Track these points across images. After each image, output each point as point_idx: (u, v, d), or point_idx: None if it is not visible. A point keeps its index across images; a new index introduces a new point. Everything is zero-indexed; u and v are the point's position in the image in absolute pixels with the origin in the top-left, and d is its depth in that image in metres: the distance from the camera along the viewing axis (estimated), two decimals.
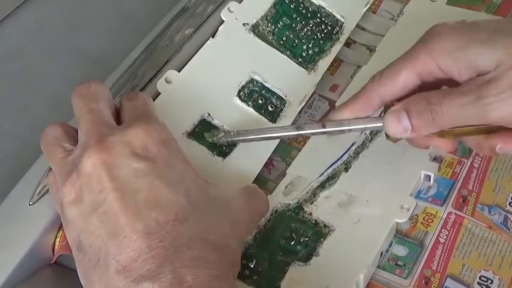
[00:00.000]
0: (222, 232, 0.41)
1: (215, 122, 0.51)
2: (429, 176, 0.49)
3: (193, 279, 0.38)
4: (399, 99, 0.45)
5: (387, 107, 0.45)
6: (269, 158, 0.51)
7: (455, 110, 0.42)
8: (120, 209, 0.39)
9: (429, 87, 0.45)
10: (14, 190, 0.48)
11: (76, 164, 0.41)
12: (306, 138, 0.53)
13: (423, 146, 0.48)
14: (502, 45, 0.41)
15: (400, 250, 0.47)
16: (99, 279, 0.39)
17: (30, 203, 0.47)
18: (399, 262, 0.47)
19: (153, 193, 0.40)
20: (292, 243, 0.47)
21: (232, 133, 0.50)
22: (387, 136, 0.46)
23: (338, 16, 0.58)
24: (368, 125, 0.46)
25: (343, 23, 0.58)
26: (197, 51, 0.54)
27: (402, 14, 0.60)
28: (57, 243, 0.46)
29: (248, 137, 0.49)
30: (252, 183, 0.49)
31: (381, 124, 0.45)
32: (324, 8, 0.58)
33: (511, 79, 0.41)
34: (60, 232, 0.47)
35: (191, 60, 0.53)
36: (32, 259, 0.46)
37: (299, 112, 0.54)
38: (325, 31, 0.57)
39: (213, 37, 0.54)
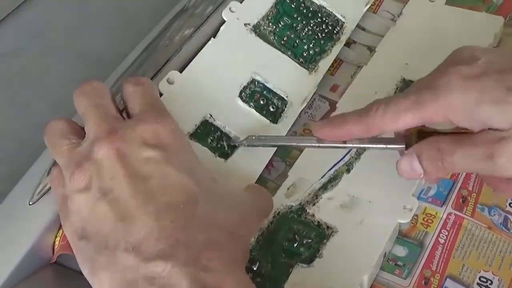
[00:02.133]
0: (232, 221, 0.41)
1: (217, 123, 0.51)
2: None
3: (208, 260, 0.38)
4: None
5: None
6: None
7: (466, 161, 0.42)
8: (131, 194, 0.39)
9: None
10: (14, 190, 0.48)
11: (86, 155, 0.41)
12: None
13: (436, 182, 0.49)
14: None
15: (399, 251, 0.47)
16: (105, 263, 0.39)
17: (30, 203, 0.47)
18: (398, 263, 0.47)
19: (164, 180, 0.40)
20: (295, 245, 0.47)
21: (253, 137, 0.50)
22: None
23: (338, 16, 0.58)
24: (389, 146, 0.47)
25: (343, 23, 0.58)
26: (197, 51, 0.54)
27: (401, 14, 0.60)
28: (57, 243, 0.46)
29: (270, 143, 0.50)
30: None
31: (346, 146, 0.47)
32: (325, 8, 0.58)
33: None
34: (60, 231, 0.46)
35: (193, 61, 0.53)
36: (32, 259, 0.46)
37: (300, 113, 0.54)
38: (326, 31, 0.57)
39: (214, 37, 0.54)
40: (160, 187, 0.40)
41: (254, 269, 0.45)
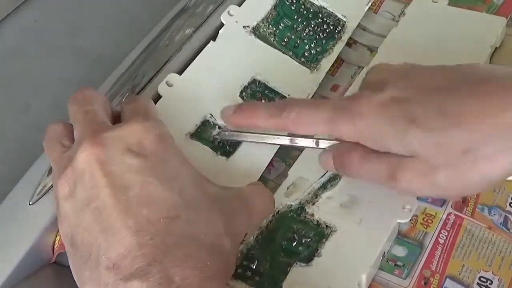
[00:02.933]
0: (215, 232, 0.41)
1: (218, 122, 0.51)
2: None
3: (182, 280, 0.38)
4: None
5: None
6: None
7: (372, 177, 0.46)
8: (111, 205, 0.39)
9: None
10: (14, 190, 0.48)
11: (70, 159, 0.41)
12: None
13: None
14: (416, 139, 0.42)
15: (399, 251, 0.47)
16: (90, 276, 0.39)
17: (30, 203, 0.47)
18: (398, 263, 0.47)
19: (145, 190, 0.40)
20: (294, 244, 0.47)
21: (226, 132, 0.50)
22: None
23: (339, 16, 0.58)
24: (308, 145, 0.49)
25: (345, 22, 0.58)
26: (197, 51, 0.54)
27: (404, 14, 0.60)
28: (57, 242, 0.47)
29: (242, 139, 0.50)
30: None
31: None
32: (325, 9, 0.58)
33: (425, 170, 0.42)
34: None
35: (192, 63, 0.53)
36: (32, 259, 0.46)
37: None
38: (327, 30, 0.57)
39: (213, 40, 0.54)
40: (141, 199, 0.39)
41: (253, 267, 0.45)
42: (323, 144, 0.48)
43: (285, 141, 0.49)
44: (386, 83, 0.45)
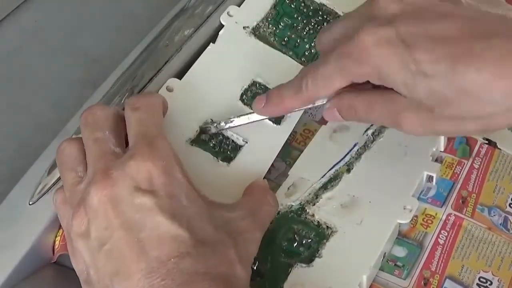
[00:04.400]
0: (226, 262, 0.41)
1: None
2: (431, 177, 0.50)
3: None
4: None
5: None
6: None
7: (377, 122, 0.49)
8: (124, 248, 0.40)
9: None
10: (14, 190, 0.48)
11: (83, 198, 0.41)
12: (306, 138, 0.53)
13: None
14: (422, 87, 0.42)
15: (399, 251, 0.47)
16: None
17: (30, 203, 0.47)
18: (398, 263, 0.47)
19: (155, 230, 0.40)
20: (295, 244, 0.47)
21: (215, 124, 0.50)
22: None
23: (340, 13, 0.58)
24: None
25: None
26: (197, 51, 0.54)
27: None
28: (57, 243, 0.47)
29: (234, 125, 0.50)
30: None
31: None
32: (326, 6, 0.57)
33: (428, 116, 0.43)
34: (60, 231, 0.47)
35: (192, 67, 0.53)
36: (32, 259, 0.46)
37: None
38: None
39: (213, 42, 0.54)
40: (152, 240, 0.40)
41: (254, 268, 0.45)
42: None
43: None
44: (392, 18, 0.43)
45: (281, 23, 0.56)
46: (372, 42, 0.43)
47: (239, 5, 0.56)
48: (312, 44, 0.56)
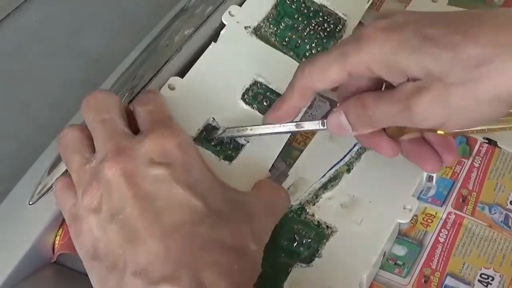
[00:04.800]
0: (241, 236, 0.41)
1: (220, 126, 0.51)
2: (431, 177, 0.50)
3: (210, 284, 0.38)
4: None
5: None
6: None
7: (387, 115, 0.44)
8: (138, 215, 0.40)
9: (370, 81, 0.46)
10: (14, 190, 0.48)
11: (95, 174, 0.41)
12: (306, 138, 0.53)
13: (369, 145, 0.49)
14: (430, 55, 0.41)
15: (399, 250, 0.48)
16: (115, 285, 0.39)
17: (30, 203, 0.47)
18: (398, 262, 0.47)
19: (170, 198, 0.40)
20: (295, 244, 0.47)
21: (231, 129, 0.50)
22: None
23: (340, 14, 0.58)
24: (315, 128, 0.48)
25: (345, 21, 0.58)
26: (197, 51, 0.54)
27: None
28: (57, 242, 0.47)
29: (246, 133, 0.49)
30: None
31: (325, 127, 0.48)
32: (326, 7, 0.57)
33: (439, 90, 0.41)
34: (60, 230, 0.47)
35: (193, 66, 0.53)
36: (32, 259, 0.46)
37: None
38: (328, 29, 0.57)
39: (215, 42, 0.54)
40: (167, 207, 0.40)
41: None
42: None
43: (291, 127, 0.48)
44: (393, 13, 0.44)
45: (282, 24, 0.56)
46: (372, 29, 0.43)
47: (240, 5, 0.56)
48: (313, 45, 0.56)
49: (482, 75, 0.40)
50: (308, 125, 0.48)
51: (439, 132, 0.46)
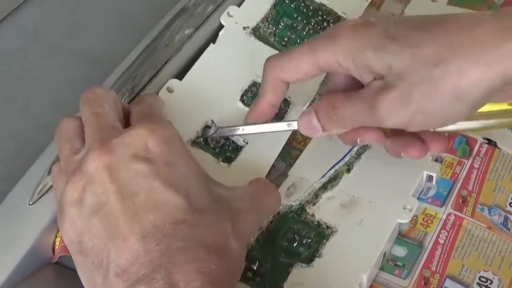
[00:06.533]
0: (222, 233, 0.41)
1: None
2: (431, 177, 0.50)
3: (186, 285, 0.38)
4: None
5: None
6: None
7: (354, 115, 0.44)
8: (119, 212, 0.40)
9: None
10: (14, 190, 0.48)
11: (79, 165, 0.41)
12: (306, 138, 0.53)
13: (351, 142, 0.48)
14: (391, 52, 0.42)
15: (399, 251, 0.48)
16: (103, 282, 0.40)
17: (30, 203, 0.47)
18: (398, 263, 0.47)
19: (151, 195, 0.40)
20: (295, 244, 0.47)
21: (223, 129, 0.50)
22: None
23: (339, 13, 0.58)
24: (286, 129, 0.49)
25: (345, 19, 0.58)
26: (197, 51, 0.54)
27: (403, 14, 0.60)
28: (57, 243, 0.47)
29: (238, 133, 0.50)
30: None
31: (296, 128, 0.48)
32: (325, 6, 0.57)
33: (402, 89, 0.42)
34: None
35: (192, 68, 0.53)
36: (32, 259, 0.46)
37: None
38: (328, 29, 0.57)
39: (213, 43, 0.54)
40: (147, 205, 0.40)
41: (254, 268, 0.45)
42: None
43: (282, 126, 0.49)
44: (367, 17, 0.46)
45: (281, 23, 0.56)
46: (344, 27, 0.44)
47: (239, 5, 0.56)
48: None
49: (441, 74, 0.41)
50: (277, 126, 0.49)
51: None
